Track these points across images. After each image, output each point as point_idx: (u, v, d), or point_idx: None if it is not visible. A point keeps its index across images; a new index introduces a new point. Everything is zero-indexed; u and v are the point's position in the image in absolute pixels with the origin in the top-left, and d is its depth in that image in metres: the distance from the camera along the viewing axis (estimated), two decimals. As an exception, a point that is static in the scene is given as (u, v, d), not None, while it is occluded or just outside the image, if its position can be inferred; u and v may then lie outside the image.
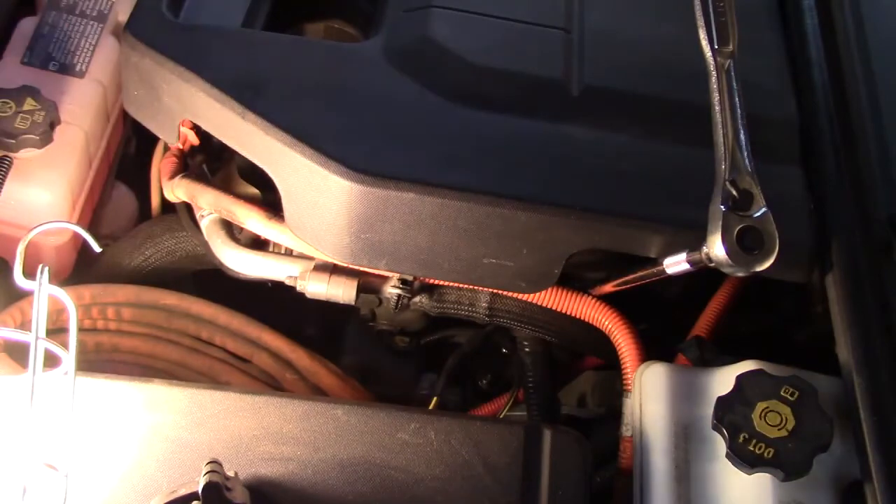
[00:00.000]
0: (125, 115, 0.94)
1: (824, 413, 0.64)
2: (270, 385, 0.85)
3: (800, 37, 0.88)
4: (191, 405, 0.70)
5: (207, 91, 0.77)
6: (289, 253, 0.84)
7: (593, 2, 0.89)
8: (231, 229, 0.85)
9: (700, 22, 0.73)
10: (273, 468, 0.68)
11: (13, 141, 0.82)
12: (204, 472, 0.60)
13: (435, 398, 0.87)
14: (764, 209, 0.67)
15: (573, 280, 0.82)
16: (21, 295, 0.82)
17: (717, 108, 0.70)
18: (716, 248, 0.66)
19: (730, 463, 0.64)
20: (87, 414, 0.68)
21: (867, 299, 0.72)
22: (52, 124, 0.83)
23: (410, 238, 0.74)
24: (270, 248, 0.86)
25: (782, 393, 0.65)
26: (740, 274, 0.67)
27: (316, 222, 0.75)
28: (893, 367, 0.69)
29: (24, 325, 0.82)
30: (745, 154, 0.69)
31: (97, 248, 0.70)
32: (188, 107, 0.80)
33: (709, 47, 0.72)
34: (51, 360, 0.64)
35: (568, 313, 0.82)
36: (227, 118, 0.77)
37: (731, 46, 0.72)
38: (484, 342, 0.92)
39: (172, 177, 0.86)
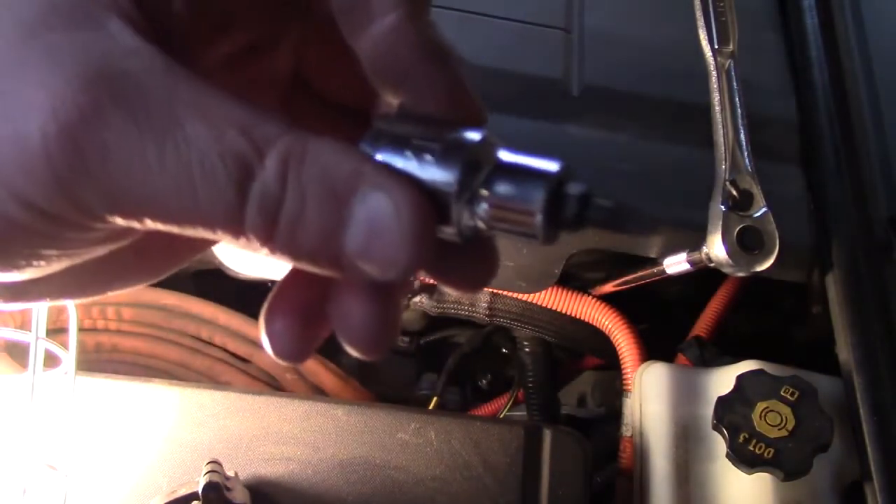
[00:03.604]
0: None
1: (824, 413, 0.64)
2: (270, 385, 0.85)
3: (800, 37, 0.88)
4: (191, 405, 0.70)
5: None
6: (289, 253, 0.84)
7: (593, 2, 0.89)
8: (231, 229, 0.85)
9: (700, 22, 0.73)
10: (273, 468, 0.68)
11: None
12: (204, 472, 0.60)
13: (435, 398, 0.87)
14: (764, 209, 0.67)
15: (573, 280, 0.82)
16: (21, 295, 0.82)
17: (717, 108, 0.71)
18: (716, 248, 0.66)
19: (730, 463, 0.64)
20: (87, 414, 0.68)
21: (867, 299, 0.72)
22: (52, 124, 0.83)
23: (410, 238, 0.74)
24: (270, 248, 0.86)
25: (782, 393, 0.65)
26: (740, 274, 0.67)
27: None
28: (893, 367, 0.69)
29: (24, 325, 0.82)
30: (746, 154, 0.69)
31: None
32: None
33: (709, 47, 0.72)
34: (51, 360, 0.64)
35: (568, 313, 0.82)
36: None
37: (731, 46, 0.72)
38: (484, 342, 0.92)
39: (172, 177, 0.86)
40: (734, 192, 0.67)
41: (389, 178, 0.27)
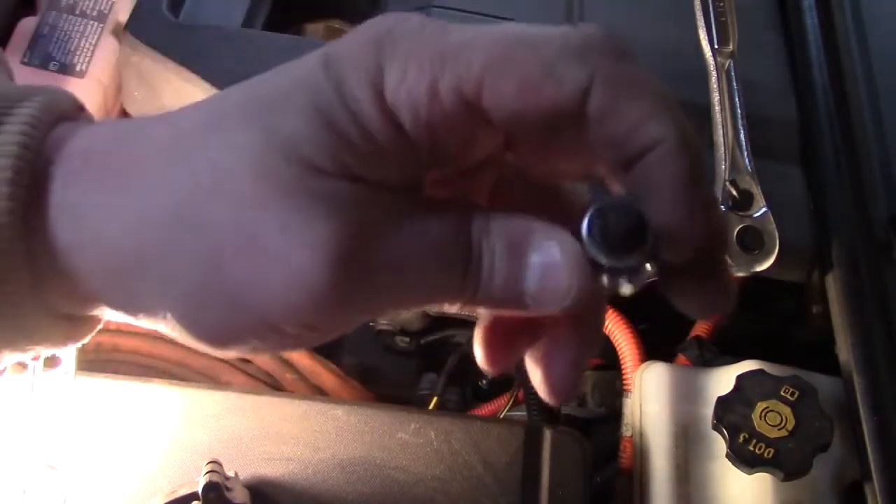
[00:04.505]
0: (125, 116, 0.94)
1: (824, 413, 0.64)
2: (270, 385, 0.85)
3: (800, 37, 0.88)
4: (191, 405, 0.70)
5: (207, 91, 0.77)
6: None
7: (593, 2, 0.89)
8: (231, 229, 0.85)
9: (700, 22, 0.73)
10: (273, 468, 0.68)
11: (13, 141, 0.81)
12: (204, 472, 0.60)
13: (435, 398, 0.87)
14: (764, 209, 0.67)
15: (573, 280, 0.82)
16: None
17: (717, 108, 0.71)
18: (716, 248, 0.65)
19: (730, 463, 0.64)
20: (87, 414, 0.68)
21: (867, 299, 0.72)
22: (53, 124, 0.83)
23: (410, 238, 0.74)
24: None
25: (782, 393, 0.65)
26: (740, 274, 0.67)
27: (316, 222, 0.75)
28: (893, 367, 0.69)
29: (24, 325, 0.82)
30: (746, 154, 0.69)
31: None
32: (188, 107, 0.80)
33: (709, 47, 0.72)
34: (51, 360, 0.64)
35: (568, 313, 0.82)
36: (227, 118, 0.77)
37: (731, 46, 0.72)
38: (484, 342, 0.92)
39: (172, 177, 0.86)
40: (734, 192, 0.67)
41: (555, 231, 0.34)
